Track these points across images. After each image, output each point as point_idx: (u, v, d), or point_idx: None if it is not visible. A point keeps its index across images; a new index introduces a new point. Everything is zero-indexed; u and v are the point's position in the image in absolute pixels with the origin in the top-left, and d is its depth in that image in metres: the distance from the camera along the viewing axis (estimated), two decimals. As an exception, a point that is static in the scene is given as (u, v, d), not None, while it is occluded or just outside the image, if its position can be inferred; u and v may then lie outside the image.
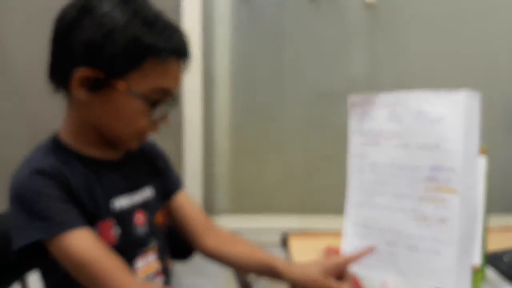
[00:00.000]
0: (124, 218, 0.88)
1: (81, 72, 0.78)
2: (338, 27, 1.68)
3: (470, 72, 1.67)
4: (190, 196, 1.06)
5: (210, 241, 1.01)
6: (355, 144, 1.01)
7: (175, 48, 0.81)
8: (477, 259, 0.86)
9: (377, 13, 1.67)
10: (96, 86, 0.79)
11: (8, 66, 1.65)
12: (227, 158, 1.76)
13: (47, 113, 1.60)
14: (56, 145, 0.85)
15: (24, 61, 1.64)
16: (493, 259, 0.98)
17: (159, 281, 0.94)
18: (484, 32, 1.67)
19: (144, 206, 0.93)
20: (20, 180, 0.79)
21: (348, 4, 1.67)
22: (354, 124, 1.01)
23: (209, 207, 1.75)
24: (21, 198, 0.78)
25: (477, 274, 0.86)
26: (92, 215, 0.82)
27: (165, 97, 0.83)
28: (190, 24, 1.44)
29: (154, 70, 0.79)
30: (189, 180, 1.05)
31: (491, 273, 0.95)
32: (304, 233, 1.28)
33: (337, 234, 1.04)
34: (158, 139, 1.04)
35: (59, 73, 0.82)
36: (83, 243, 0.77)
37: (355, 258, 0.95)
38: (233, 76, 1.71)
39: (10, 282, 0.96)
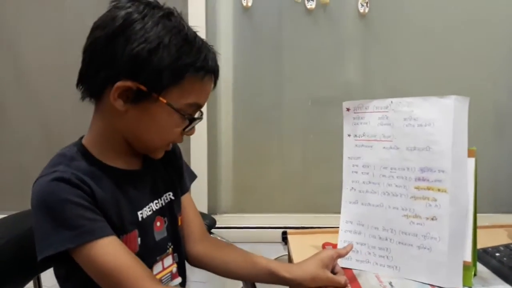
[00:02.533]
0: (146, 227, 0.88)
1: (124, 84, 0.77)
2: (333, 36, 1.72)
3: (460, 78, 1.70)
4: (192, 200, 1.06)
5: (203, 246, 1.01)
6: (349, 147, 1.04)
7: (211, 67, 0.83)
8: (468, 255, 0.89)
9: (371, 23, 1.71)
10: (136, 98, 0.79)
11: (22, 74, 1.68)
12: (230, 161, 1.80)
13: (60, 117, 1.65)
14: (81, 154, 0.83)
15: (39, 69, 1.67)
16: (484, 256, 0.99)
17: (176, 282, 0.95)
18: (473, 38, 1.71)
19: (164, 211, 0.93)
20: (45, 188, 0.76)
21: (342, 14, 1.71)
22: (348, 128, 1.04)
23: (214, 207, 1.79)
24: (47, 205, 0.76)
25: (469, 270, 0.89)
26: (118, 229, 0.81)
27: (197, 112, 0.86)
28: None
29: (192, 87, 0.81)
30: (195, 182, 1.07)
31: (482, 269, 0.96)
32: (302, 230, 1.30)
33: (333, 231, 1.08)
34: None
35: (94, 82, 0.81)
36: (110, 252, 0.76)
37: (346, 251, 0.96)
38: (235, 84, 1.75)
39: (25, 281, 0.98)
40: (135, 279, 0.76)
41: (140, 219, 0.87)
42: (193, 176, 1.09)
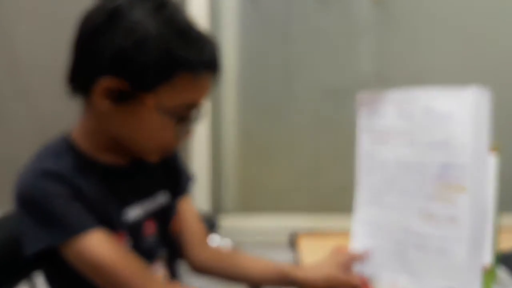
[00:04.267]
0: (135, 228, 0.84)
1: (106, 82, 0.73)
2: (346, 24, 1.68)
3: (480, 68, 1.65)
4: (192, 204, 1.01)
5: (208, 251, 0.98)
6: (364, 143, 1.00)
7: (207, 62, 0.76)
8: (488, 258, 0.86)
9: (385, 10, 1.66)
10: (121, 97, 0.74)
11: (17, 67, 1.66)
12: (235, 156, 1.76)
13: (56, 114, 1.63)
14: (67, 148, 0.80)
15: (33, 62, 1.65)
16: (505, 259, 0.96)
17: None
18: (494, 27, 1.66)
19: (156, 214, 0.89)
20: (29, 182, 0.75)
21: (355, 0, 1.66)
22: (363, 122, 1.01)
23: (217, 206, 1.75)
24: (31, 201, 0.74)
25: (488, 274, 0.85)
26: (105, 227, 0.78)
27: (192, 112, 0.79)
28: (196, 21, 1.45)
29: (184, 85, 0.75)
30: (198, 179, 1.04)
31: (502, 273, 0.94)
32: (313, 233, 1.28)
33: (346, 234, 1.04)
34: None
35: (81, 79, 0.78)
36: (99, 245, 0.74)
37: (362, 256, 0.95)
38: (241, 75, 1.71)
39: (17, 280, 0.95)
40: (130, 275, 0.75)
41: (129, 219, 0.83)
42: (191, 178, 1.03)
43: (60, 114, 1.57)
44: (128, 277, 0.74)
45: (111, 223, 0.79)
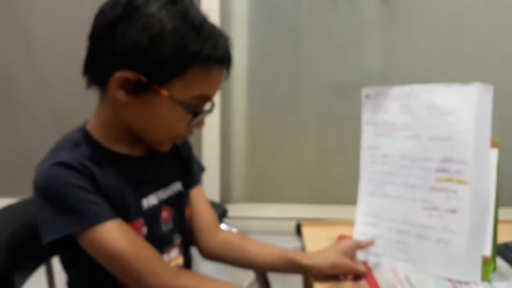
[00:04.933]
0: (151, 216, 0.86)
1: (122, 74, 0.74)
2: (353, 22, 1.68)
3: (484, 66, 1.65)
4: (204, 193, 1.04)
5: (218, 238, 0.99)
6: (368, 136, 1.02)
7: (220, 56, 0.77)
8: (487, 250, 0.87)
9: (391, 8, 1.67)
10: (136, 89, 0.75)
11: (34, 63, 1.68)
12: (244, 149, 1.78)
13: (72, 108, 1.64)
14: (84, 139, 0.81)
15: (50, 57, 1.67)
16: (504, 251, 0.97)
17: None
18: (498, 25, 1.65)
19: (171, 201, 0.91)
20: (47, 173, 0.75)
21: (363, -1, 1.68)
22: (367, 116, 1.02)
23: (226, 196, 1.77)
24: (50, 190, 0.75)
25: (488, 265, 0.87)
26: (122, 216, 0.79)
27: (205, 104, 0.81)
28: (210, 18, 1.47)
29: (198, 78, 0.76)
30: (208, 170, 1.05)
31: (502, 264, 0.94)
32: (317, 222, 1.29)
33: (349, 223, 1.06)
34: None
35: (97, 71, 0.79)
36: (116, 235, 0.75)
37: (366, 243, 0.96)
38: (250, 71, 1.73)
39: (37, 265, 0.98)
40: (145, 263, 0.75)
41: (145, 207, 0.85)
42: (202, 169, 1.06)
43: (76, 108, 1.60)
44: (142, 267, 0.74)
45: (127, 211, 0.81)
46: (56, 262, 1.01)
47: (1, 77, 1.71)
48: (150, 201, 0.86)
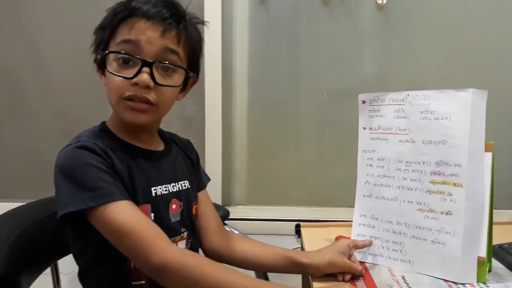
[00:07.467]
0: (159, 204, 0.89)
1: (97, 58, 0.86)
2: (350, 28, 1.70)
3: (479, 71, 1.66)
4: (209, 197, 1.08)
5: (220, 239, 1.02)
6: (365, 140, 1.04)
7: (136, 8, 0.84)
8: (483, 251, 0.88)
9: (389, 15, 1.69)
10: (100, 67, 0.88)
11: (42, 67, 1.71)
12: (245, 154, 1.80)
13: (79, 111, 1.67)
14: (103, 131, 0.89)
15: (58, 57, 1.69)
16: (500, 252, 0.99)
17: None
18: (493, 31, 1.67)
19: (181, 196, 0.94)
20: (69, 154, 0.80)
21: (360, 5, 1.69)
22: (363, 121, 1.04)
23: (228, 199, 1.79)
24: (69, 169, 0.79)
25: (483, 266, 0.88)
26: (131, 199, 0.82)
27: (129, 48, 0.83)
28: (211, 26, 1.50)
29: (121, 31, 0.84)
30: (210, 173, 1.08)
31: (497, 265, 0.96)
32: (316, 223, 1.31)
33: (347, 224, 1.08)
34: (184, 135, 1.10)
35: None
36: (126, 213, 0.78)
37: (363, 243, 0.99)
38: (251, 76, 1.75)
39: (43, 267, 1.00)
40: (150, 238, 0.76)
41: (153, 195, 0.88)
42: (208, 179, 1.12)
43: (84, 111, 1.62)
44: (147, 242, 0.76)
45: (136, 197, 0.85)
46: (61, 264, 1.03)
47: (10, 81, 1.73)
48: (160, 190, 0.90)
